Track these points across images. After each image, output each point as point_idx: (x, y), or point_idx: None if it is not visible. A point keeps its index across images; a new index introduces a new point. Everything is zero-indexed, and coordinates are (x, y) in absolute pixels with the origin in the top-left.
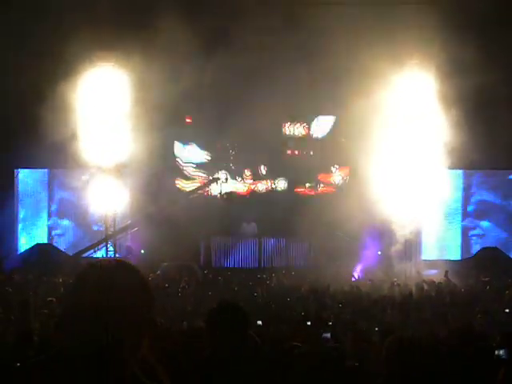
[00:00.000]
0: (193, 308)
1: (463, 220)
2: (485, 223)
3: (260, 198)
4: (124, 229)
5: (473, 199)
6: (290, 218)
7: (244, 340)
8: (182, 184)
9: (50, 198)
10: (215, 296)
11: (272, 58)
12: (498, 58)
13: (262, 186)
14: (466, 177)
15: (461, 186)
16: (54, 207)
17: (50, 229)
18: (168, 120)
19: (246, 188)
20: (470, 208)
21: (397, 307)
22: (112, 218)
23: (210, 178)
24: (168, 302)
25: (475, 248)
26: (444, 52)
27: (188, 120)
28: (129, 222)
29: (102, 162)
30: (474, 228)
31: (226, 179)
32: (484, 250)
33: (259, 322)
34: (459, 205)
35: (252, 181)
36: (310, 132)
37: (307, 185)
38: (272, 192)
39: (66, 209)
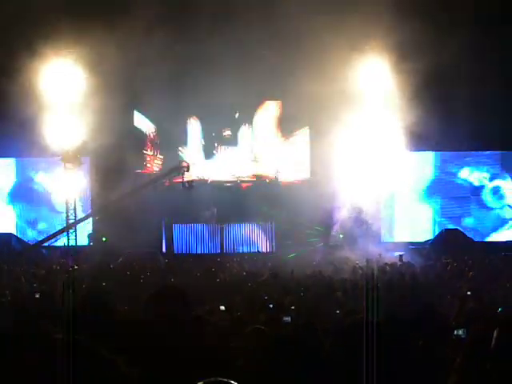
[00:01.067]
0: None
1: (432, 201)
2: (452, 202)
3: (221, 185)
4: (86, 217)
5: (442, 180)
6: (252, 202)
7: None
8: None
9: (15, 186)
10: (177, 283)
11: (226, 42)
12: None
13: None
14: (435, 158)
15: (429, 167)
16: (17, 195)
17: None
18: (127, 104)
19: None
20: (439, 188)
21: (359, 290)
22: (73, 206)
23: (171, 166)
24: (128, 289)
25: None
26: (399, 34)
27: None
28: (89, 210)
29: (63, 150)
30: (444, 208)
31: (188, 168)
32: (445, 231)
33: (222, 308)
34: (429, 186)
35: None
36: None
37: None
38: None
39: (29, 197)
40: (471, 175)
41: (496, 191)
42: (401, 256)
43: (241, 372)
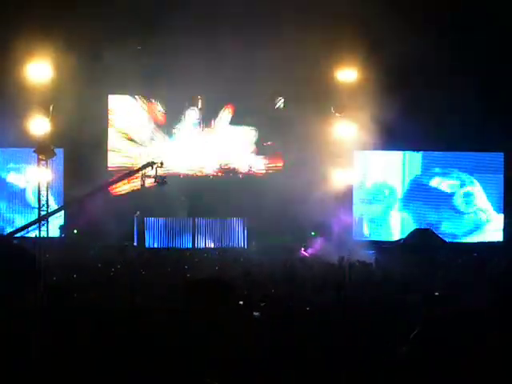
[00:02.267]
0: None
1: (408, 207)
2: (418, 203)
3: (193, 179)
4: (58, 210)
5: (412, 180)
6: (225, 197)
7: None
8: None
9: None
10: (148, 276)
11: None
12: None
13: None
14: (405, 158)
15: (400, 167)
16: None
17: None
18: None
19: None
20: (407, 189)
21: (329, 287)
22: (45, 198)
23: (146, 162)
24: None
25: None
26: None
27: None
28: (62, 203)
29: (36, 141)
30: (410, 208)
31: (162, 163)
32: (417, 231)
33: None
34: (397, 186)
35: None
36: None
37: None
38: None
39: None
40: (442, 183)
41: (467, 196)
42: (376, 256)
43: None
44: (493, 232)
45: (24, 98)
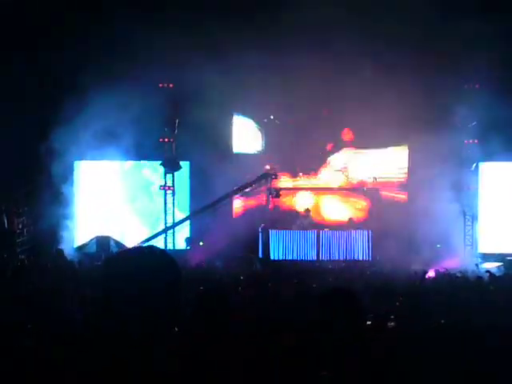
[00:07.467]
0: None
1: None
2: None
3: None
4: (183, 220)
5: None
6: (348, 209)
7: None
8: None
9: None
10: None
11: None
12: None
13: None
14: None
15: None
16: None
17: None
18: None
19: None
20: None
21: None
22: (171, 209)
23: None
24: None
25: None
26: None
27: None
28: (187, 214)
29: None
30: None
31: (276, 175)
32: None
33: None
34: None
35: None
36: None
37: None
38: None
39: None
40: None
41: None
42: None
43: None
44: None
45: (150, 114)
